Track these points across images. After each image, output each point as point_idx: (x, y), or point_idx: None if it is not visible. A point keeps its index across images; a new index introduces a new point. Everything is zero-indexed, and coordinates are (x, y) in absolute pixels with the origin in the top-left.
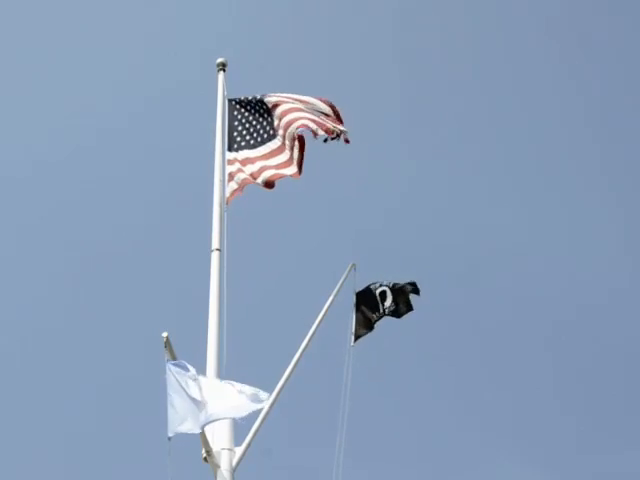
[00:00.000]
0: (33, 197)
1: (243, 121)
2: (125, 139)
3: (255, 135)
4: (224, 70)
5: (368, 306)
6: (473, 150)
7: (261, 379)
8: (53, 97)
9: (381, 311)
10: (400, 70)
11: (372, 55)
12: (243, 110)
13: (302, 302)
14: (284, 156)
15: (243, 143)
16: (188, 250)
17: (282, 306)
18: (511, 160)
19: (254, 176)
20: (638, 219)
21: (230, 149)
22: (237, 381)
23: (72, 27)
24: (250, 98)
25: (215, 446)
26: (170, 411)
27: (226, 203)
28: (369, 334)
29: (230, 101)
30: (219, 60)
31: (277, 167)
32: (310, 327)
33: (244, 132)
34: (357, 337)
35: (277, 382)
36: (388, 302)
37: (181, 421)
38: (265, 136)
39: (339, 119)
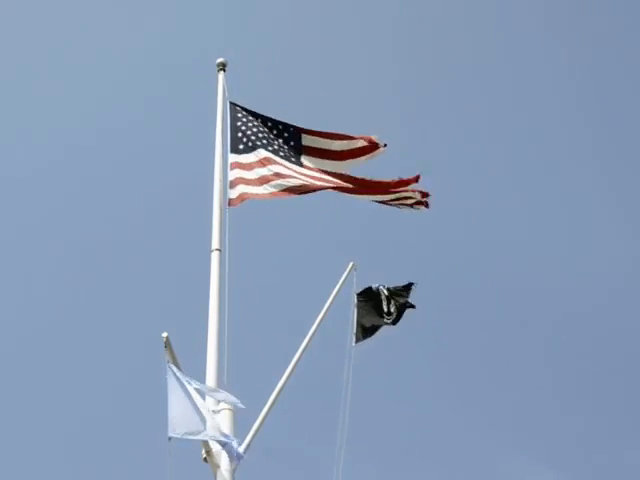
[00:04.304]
0: (33, 197)
1: (245, 127)
2: (125, 139)
3: (257, 139)
4: (224, 70)
5: (372, 310)
6: (473, 149)
7: (261, 379)
8: (53, 97)
9: (387, 320)
10: (400, 67)
11: (372, 54)
12: (247, 117)
13: (302, 302)
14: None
15: (244, 145)
16: (188, 250)
17: (282, 306)
18: (511, 159)
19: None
20: (638, 219)
21: (233, 151)
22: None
23: (73, 27)
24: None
25: (215, 446)
26: (170, 412)
27: (228, 204)
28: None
29: (232, 104)
30: (219, 60)
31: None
32: (310, 327)
33: (247, 135)
34: (358, 339)
35: (277, 382)
36: (392, 309)
37: (182, 423)
38: (265, 142)
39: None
